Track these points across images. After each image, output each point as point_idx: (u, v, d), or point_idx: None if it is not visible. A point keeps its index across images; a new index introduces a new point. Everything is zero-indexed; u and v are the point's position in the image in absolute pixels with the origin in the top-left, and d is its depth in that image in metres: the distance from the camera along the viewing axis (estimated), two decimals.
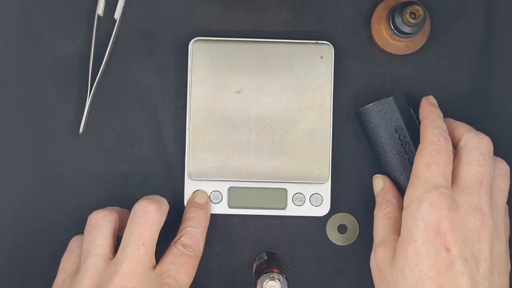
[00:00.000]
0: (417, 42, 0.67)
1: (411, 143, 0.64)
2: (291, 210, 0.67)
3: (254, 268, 0.66)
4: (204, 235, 0.64)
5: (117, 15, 0.67)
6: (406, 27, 0.63)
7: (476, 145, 0.58)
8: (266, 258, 0.66)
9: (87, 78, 0.67)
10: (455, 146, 0.61)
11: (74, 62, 0.68)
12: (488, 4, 0.68)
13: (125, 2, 0.67)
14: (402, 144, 0.64)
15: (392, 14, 0.64)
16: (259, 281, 0.60)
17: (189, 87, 0.65)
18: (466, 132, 0.60)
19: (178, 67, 0.68)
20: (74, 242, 0.63)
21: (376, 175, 0.64)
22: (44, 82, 0.68)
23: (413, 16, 0.62)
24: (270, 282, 0.59)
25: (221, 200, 0.67)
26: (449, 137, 0.59)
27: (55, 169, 0.68)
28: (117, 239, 0.62)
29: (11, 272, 0.68)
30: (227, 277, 0.69)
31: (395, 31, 0.65)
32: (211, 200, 0.67)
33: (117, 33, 0.67)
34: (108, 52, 0.67)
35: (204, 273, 0.69)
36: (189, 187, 0.67)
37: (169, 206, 0.64)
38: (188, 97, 0.65)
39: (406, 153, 0.64)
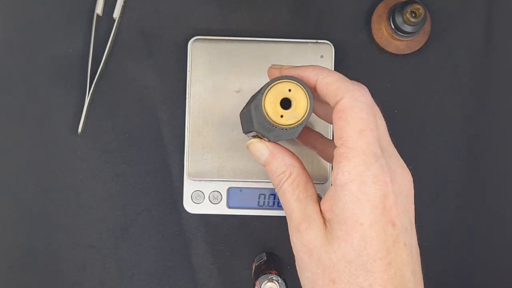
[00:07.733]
0: (418, 41, 0.67)
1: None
2: None
3: (253, 269, 0.66)
4: None
5: (116, 14, 0.67)
6: (407, 26, 0.63)
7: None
8: (266, 259, 0.65)
9: (86, 78, 0.67)
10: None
11: (73, 62, 0.68)
12: (488, 4, 0.68)
13: (124, 2, 0.67)
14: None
15: (392, 13, 0.64)
16: (257, 282, 0.59)
17: (188, 87, 0.65)
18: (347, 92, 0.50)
19: (177, 66, 0.68)
20: None
21: (250, 141, 0.51)
22: (44, 82, 0.68)
23: (413, 15, 0.62)
24: (268, 283, 0.59)
25: (221, 200, 0.66)
26: None
27: (55, 169, 0.68)
28: None
29: (11, 272, 0.68)
30: (227, 278, 0.69)
31: (395, 30, 0.64)
32: (210, 201, 0.67)
33: (116, 32, 0.67)
34: (107, 52, 0.67)
35: (204, 273, 0.69)
36: (189, 187, 0.66)
37: (168, 206, 0.63)
38: (187, 97, 0.65)
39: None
